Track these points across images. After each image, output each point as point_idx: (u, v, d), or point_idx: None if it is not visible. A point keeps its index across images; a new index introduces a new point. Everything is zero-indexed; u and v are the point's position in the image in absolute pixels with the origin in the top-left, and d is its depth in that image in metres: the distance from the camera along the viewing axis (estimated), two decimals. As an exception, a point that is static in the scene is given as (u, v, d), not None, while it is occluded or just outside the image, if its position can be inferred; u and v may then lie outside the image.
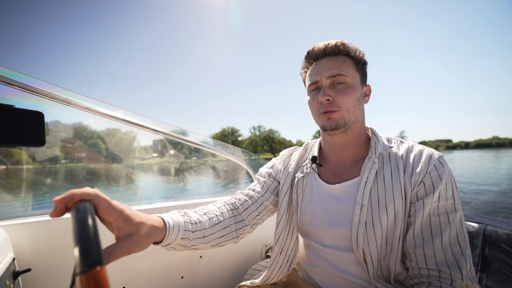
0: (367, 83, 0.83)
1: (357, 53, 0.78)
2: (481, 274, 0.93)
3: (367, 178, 0.73)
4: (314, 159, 0.86)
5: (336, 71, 0.74)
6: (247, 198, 0.90)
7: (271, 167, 0.97)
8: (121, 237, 0.53)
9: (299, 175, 0.87)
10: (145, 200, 1.25)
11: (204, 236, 0.76)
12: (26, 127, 0.58)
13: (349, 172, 0.79)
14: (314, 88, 0.78)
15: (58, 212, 0.45)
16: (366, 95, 0.81)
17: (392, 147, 0.77)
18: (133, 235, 0.53)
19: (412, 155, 0.74)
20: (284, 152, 0.98)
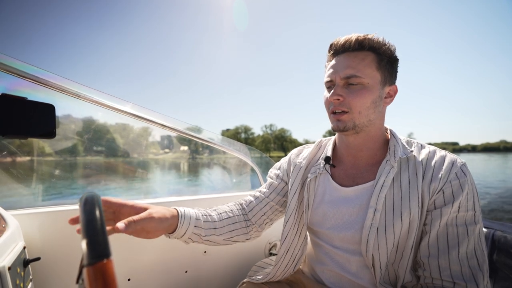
0: (394, 83, 0.75)
1: (383, 48, 0.70)
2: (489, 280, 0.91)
3: (384, 182, 0.70)
4: (327, 160, 0.82)
5: (351, 72, 0.68)
6: (252, 199, 0.93)
7: (279, 168, 0.97)
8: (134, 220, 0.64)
9: (311, 175, 0.83)
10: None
11: (215, 227, 0.82)
12: (38, 119, 0.59)
13: (364, 176, 0.76)
14: (329, 86, 0.74)
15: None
16: (390, 96, 0.75)
17: (412, 151, 0.73)
18: (145, 221, 0.66)
19: (432, 161, 0.69)
20: (293, 152, 0.96)
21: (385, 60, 0.71)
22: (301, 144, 1.04)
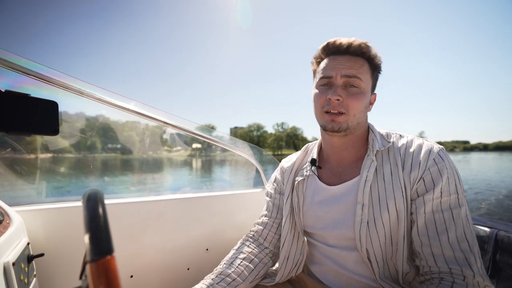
0: (374, 92, 0.80)
1: (376, 59, 0.75)
2: (491, 280, 0.90)
3: (366, 177, 0.72)
4: (313, 162, 0.84)
5: (354, 72, 0.70)
6: (262, 227, 0.93)
7: (274, 182, 0.98)
8: None
9: (299, 178, 0.86)
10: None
11: (234, 279, 0.80)
12: (41, 116, 0.59)
13: (349, 172, 0.78)
14: (325, 83, 0.74)
15: None
16: (371, 103, 0.79)
17: (390, 142, 0.75)
18: None
19: (410, 151, 0.71)
20: (283, 161, 0.99)
21: (376, 70, 0.76)
22: (310, 142, 1.05)
